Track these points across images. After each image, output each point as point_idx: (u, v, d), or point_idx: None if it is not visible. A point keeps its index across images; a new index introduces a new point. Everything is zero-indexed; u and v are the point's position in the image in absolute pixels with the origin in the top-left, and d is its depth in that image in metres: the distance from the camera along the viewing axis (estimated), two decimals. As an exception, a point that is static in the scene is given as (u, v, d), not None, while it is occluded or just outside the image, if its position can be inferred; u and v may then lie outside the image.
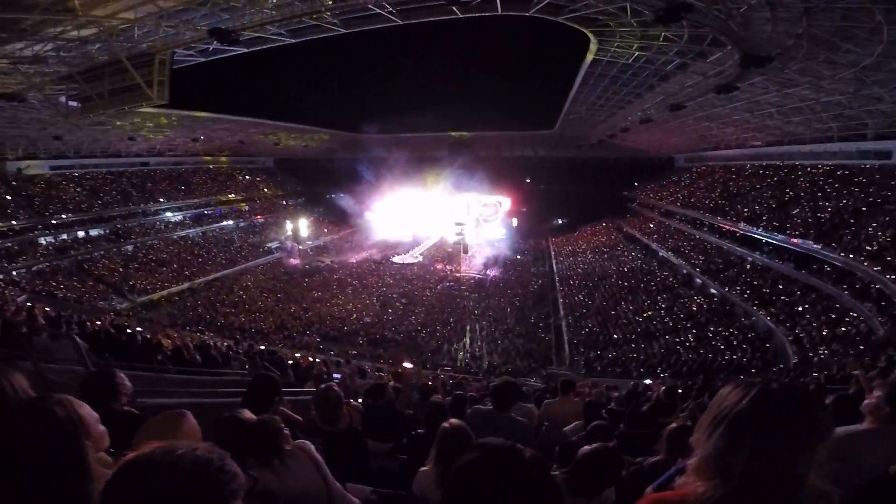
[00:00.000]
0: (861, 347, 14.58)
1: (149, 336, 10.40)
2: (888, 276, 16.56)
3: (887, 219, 18.97)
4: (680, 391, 10.26)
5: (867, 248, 18.59)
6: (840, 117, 22.46)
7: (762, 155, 31.97)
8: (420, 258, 47.53)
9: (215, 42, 18.59)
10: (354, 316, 31.44)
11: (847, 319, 17.40)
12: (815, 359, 15.55)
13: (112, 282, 32.38)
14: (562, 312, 30.68)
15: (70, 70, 18.41)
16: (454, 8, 18.21)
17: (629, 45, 18.99)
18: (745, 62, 14.82)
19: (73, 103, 21.17)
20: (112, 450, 1.69)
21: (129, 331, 10.71)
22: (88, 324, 11.72)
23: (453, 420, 2.62)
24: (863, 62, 14.18)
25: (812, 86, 18.22)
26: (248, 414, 2.46)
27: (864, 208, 20.62)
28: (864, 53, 13.53)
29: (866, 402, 2.31)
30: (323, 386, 3.45)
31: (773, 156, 30.55)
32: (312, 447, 2.57)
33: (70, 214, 34.90)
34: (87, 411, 1.39)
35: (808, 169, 26.68)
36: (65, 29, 15.07)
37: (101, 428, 1.55)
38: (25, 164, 33.76)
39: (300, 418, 3.75)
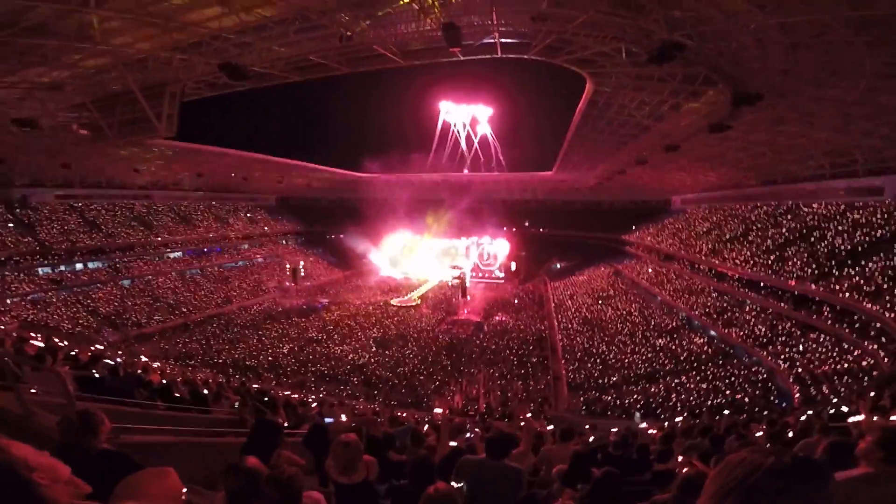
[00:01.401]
0: (865, 384, 14.29)
1: (140, 371, 10.20)
2: (888, 315, 16.43)
3: (883, 256, 19.04)
4: (677, 432, 10.02)
5: (865, 287, 18.55)
6: (831, 154, 22.93)
7: (756, 195, 32.47)
8: (419, 301, 47.28)
9: (224, 77, 19.19)
10: (350, 356, 30.95)
11: (849, 357, 17.14)
12: (818, 396, 15.18)
13: (106, 314, 32.06)
14: (561, 355, 30.23)
15: (84, 98, 19.04)
16: (456, 51, 19.11)
17: (625, 86, 19.72)
18: (736, 100, 15.32)
19: (83, 132, 21.73)
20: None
21: (111, 362, 10.42)
22: (79, 355, 11.44)
23: (440, 483, 2.49)
24: (849, 97, 14.68)
25: (802, 122, 18.75)
26: (255, 462, 2.37)
27: (860, 248, 20.72)
28: (849, 88, 14.04)
29: (860, 447, 2.35)
30: (342, 437, 3.29)
31: (768, 196, 31.03)
32: (323, 499, 2.51)
33: (70, 245, 35.02)
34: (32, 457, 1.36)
35: (803, 209, 27.09)
36: (83, 56, 15.62)
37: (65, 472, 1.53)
38: (31, 191, 34.16)
39: (303, 461, 3.64)
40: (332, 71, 20.99)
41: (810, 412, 12.14)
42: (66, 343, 15.14)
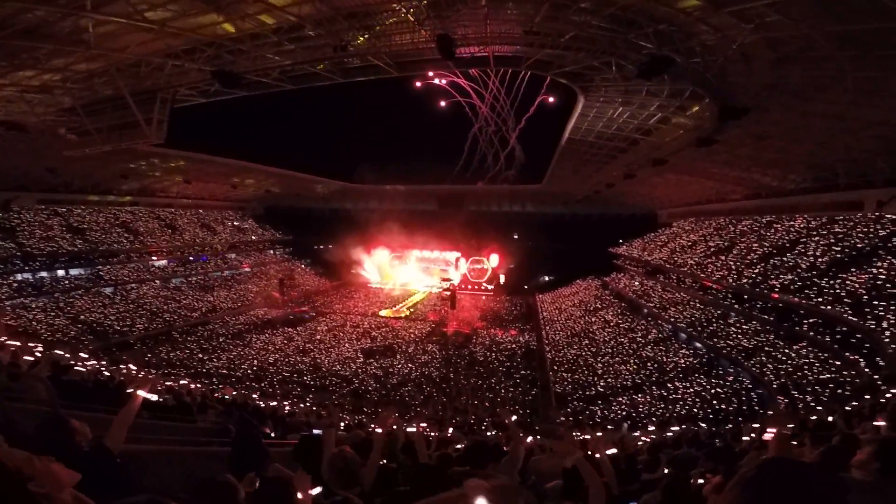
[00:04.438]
0: (847, 392, 14.60)
1: (122, 379, 10.03)
2: (869, 325, 16.83)
3: (864, 268, 19.54)
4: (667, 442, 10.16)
5: (846, 299, 19.00)
6: (813, 168, 23.48)
7: (741, 209, 33.10)
8: (407, 312, 47.19)
9: (217, 84, 19.15)
10: (337, 367, 30.68)
11: (831, 367, 17.49)
12: (801, 406, 15.46)
13: (87, 322, 31.41)
14: (548, 366, 30.32)
15: (74, 102, 18.85)
16: (449, 63, 19.34)
17: (614, 100, 20.12)
18: (722, 115, 15.71)
19: (71, 136, 21.48)
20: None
21: (79, 366, 10.22)
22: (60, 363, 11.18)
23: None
24: (831, 111, 15.18)
25: (786, 136, 19.25)
26: (233, 481, 2.33)
27: (844, 259, 21.22)
28: (832, 102, 14.52)
29: (856, 457, 2.45)
30: (336, 449, 3.18)
31: (751, 209, 31.65)
32: None
33: (52, 250, 34.40)
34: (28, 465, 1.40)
35: (786, 222, 27.69)
36: (75, 60, 15.52)
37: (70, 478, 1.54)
38: (14, 195, 33.61)
39: (292, 474, 3.56)
40: (325, 80, 21.04)
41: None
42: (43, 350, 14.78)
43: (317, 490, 2.73)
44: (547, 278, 57.18)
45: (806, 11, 9.57)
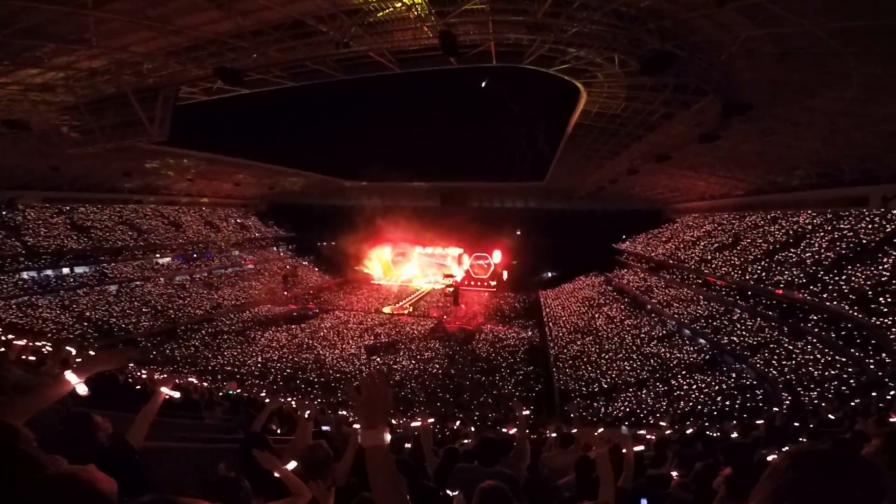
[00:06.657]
0: (850, 389, 14.56)
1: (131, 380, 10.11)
2: (874, 321, 16.76)
3: (869, 264, 19.45)
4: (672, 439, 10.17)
5: (851, 295, 18.92)
6: (818, 163, 23.36)
7: (745, 205, 33.04)
8: (410, 309, 47.32)
9: (219, 81, 19.14)
10: (341, 363, 30.77)
11: (836, 364, 17.42)
12: (808, 402, 15.42)
13: (93, 319, 31.58)
14: (552, 362, 30.34)
15: (76, 101, 18.88)
16: (451, 59, 19.25)
17: (617, 96, 20.02)
18: (726, 111, 15.63)
19: (74, 134, 21.55)
20: None
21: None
22: (70, 362, 11.27)
23: (490, 482, 2.46)
24: (836, 107, 15.07)
25: (790, 133, 19.16)
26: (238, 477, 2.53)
27: (849, 255, 21.13)
28: (837, 98, 14.41)
29: (865, 450, 2.41)
30: (312, 443, 3.36)
31: (756, 205, 31.60)
32: None
33: (56, 248, 34.53)
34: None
35: (790, 218, 27.57)
36: (78, 58, 15.54)
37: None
38: (18, 194, 33.77)
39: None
40: (327, 77, 21.00)
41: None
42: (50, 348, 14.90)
43: (292, 465, 2.91)
44: (550, 274, 57.03)
45: (810, 7, 9.49)
